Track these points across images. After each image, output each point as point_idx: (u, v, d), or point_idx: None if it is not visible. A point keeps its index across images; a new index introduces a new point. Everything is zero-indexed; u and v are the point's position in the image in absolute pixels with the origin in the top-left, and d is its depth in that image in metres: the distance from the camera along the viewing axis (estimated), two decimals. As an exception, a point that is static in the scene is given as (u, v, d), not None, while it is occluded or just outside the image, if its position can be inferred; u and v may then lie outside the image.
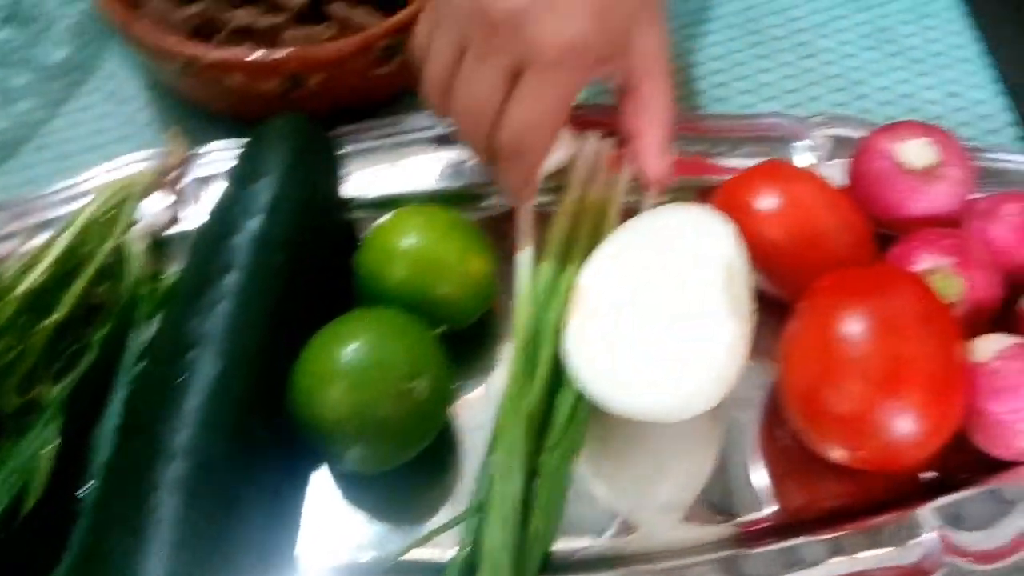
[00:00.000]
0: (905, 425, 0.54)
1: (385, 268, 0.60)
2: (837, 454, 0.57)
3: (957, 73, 0.87)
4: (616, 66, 0.58)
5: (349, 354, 0.54)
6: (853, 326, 0.55)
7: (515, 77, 0.56)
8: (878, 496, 0.61)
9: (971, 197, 0.67)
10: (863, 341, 0.55)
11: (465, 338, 0.65)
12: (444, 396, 0.57)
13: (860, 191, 0.67)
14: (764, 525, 0.60)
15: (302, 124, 0.66)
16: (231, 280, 0.57)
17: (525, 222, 0.65)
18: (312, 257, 0.63)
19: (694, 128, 0.77)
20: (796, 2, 0.93)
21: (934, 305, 0.56)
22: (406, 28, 0.71)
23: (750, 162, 0.72)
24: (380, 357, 0.54)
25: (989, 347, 0.57)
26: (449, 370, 0.57)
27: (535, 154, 0.58)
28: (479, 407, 0.62)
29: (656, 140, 0.62)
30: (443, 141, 0.75)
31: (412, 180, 0.74)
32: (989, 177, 0.72)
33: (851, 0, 0.93)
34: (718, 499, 0.61)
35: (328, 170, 0.67)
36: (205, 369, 0.54)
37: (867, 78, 0.87)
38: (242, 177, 0.63)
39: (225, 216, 0.60)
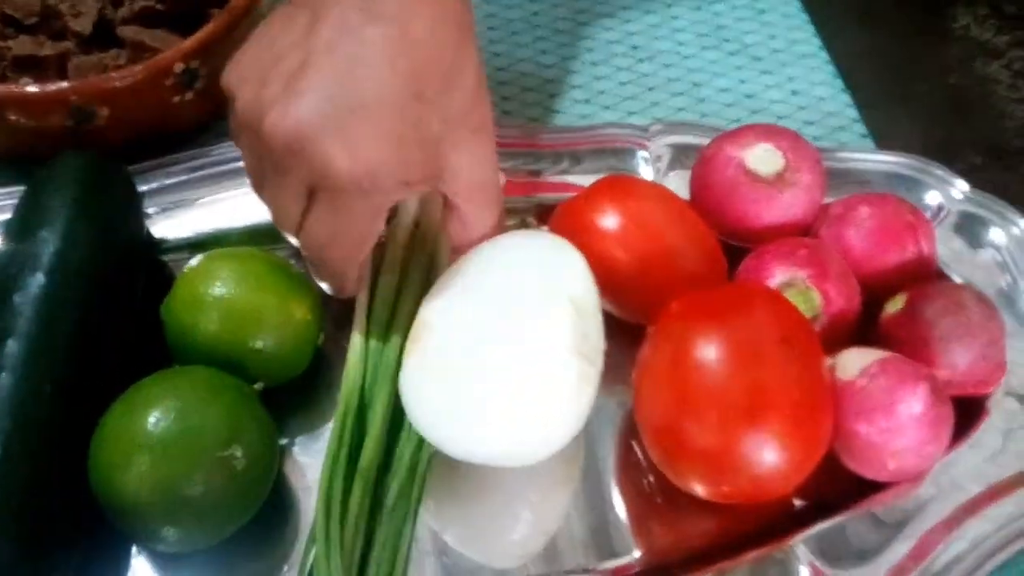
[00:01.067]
0: (770, 456, 0.50)
1: (194, 321, 0.55)
2: (700, 490, 0.53)
3: (798, 70, 0.85)
4: (429, 186, 0.52)
5: (152, 422, 0.49)
6: (708, 352, 0.51)
7: (312, 193, 0.51)
8: (748, 529, 0.57)
9: (823, 202, 0.63)
10: (719, 368, 0.51)
11: (298, 389, 0.60)
12: (268, 461, 0.52)
13: (706, 202, 0.63)
14: (630, 572, 0.57)
15: (90, 162, 0.60)
16: (10, 350, 0.51)
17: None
18: (111, 313, 0.57)
19: (529, 143, 0.72)
20: (627, 3, 0.89)
21: (793, 323, 0.53)
22: (205, 50, 0.65)
23: (590, 178, 0.68)
24: (188, 423, 0.49)
25: (853, 363, 0.54)
26: (272, 431, 0.53)
27: (340, 265, 0.54)
28: (313, 465, 0.57)
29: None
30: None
31: (228, 216, 0.68)
32: (839, 178, 0.70)
33: (685, -1, 0.89)
34: (579, 545, 0.57)
35: (126, 212, 0.60)
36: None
37: (707, 79, 0.84)
38: (20, 228, 0.56)
39: (2, 275, 0.53)
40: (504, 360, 0.52)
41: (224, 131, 0.72)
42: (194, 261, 0.58)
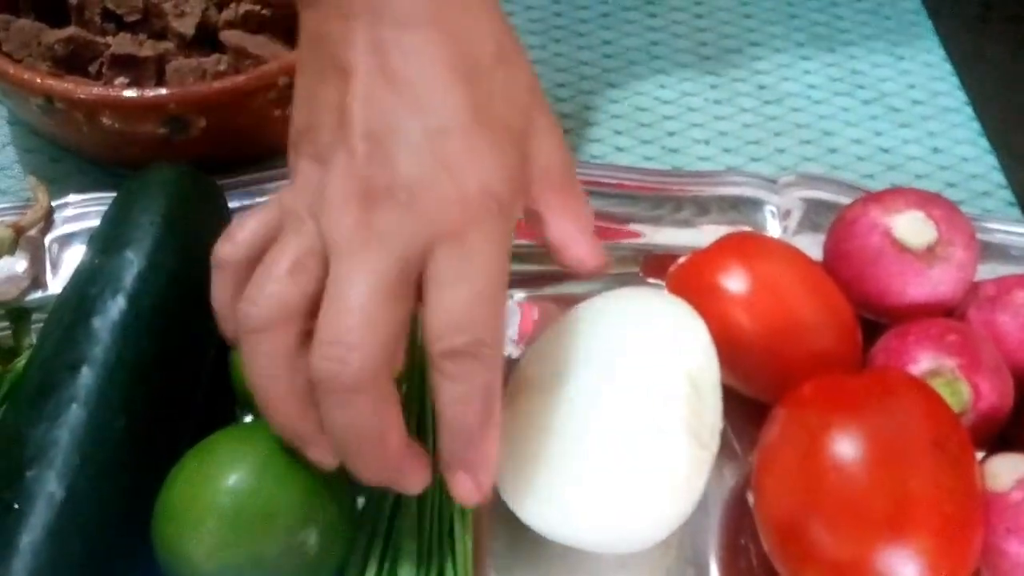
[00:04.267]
0: (911, 575, 0.44)
1: None
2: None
3: (940, 125, 0.80)
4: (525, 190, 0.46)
5: (225, 492, 0.44)
6: (847, 448, 0.47)
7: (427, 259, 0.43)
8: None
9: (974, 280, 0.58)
10: (860, 468, 0.46)
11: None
12: (344, 540, 0.48)
13: (842, 270, 0.59)
14: None
15: (182, 175, 0.57)
16: (85, 380, 0.48)
17: None
18: (192, 344, 0.52)
19: (641, 185, 0.68)
20: (755, 39, 0.84)
21: (946, 422, 0.48)
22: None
23: (708, 229, 0.65)
24: (262, 499, 0.45)
25: (1006, 472, 0.49)
26: (352, 502, 0.49)
27: (491, 351, 0.43)
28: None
29: (587, 245, 0.49)
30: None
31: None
32: (988, 252, 0.64)
33: (817, 39, 0.84)
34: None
35: (216, 232, 0.56)
36: (46, 494, 0.45)
37: (839, 128, 0.79)
38: (104, 244, 0.53)
39: (81, 293, 0.50)
40: (608, 436, 0.49)
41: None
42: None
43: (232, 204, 0.64)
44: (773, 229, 0.67)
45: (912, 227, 0.58)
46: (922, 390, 0.50)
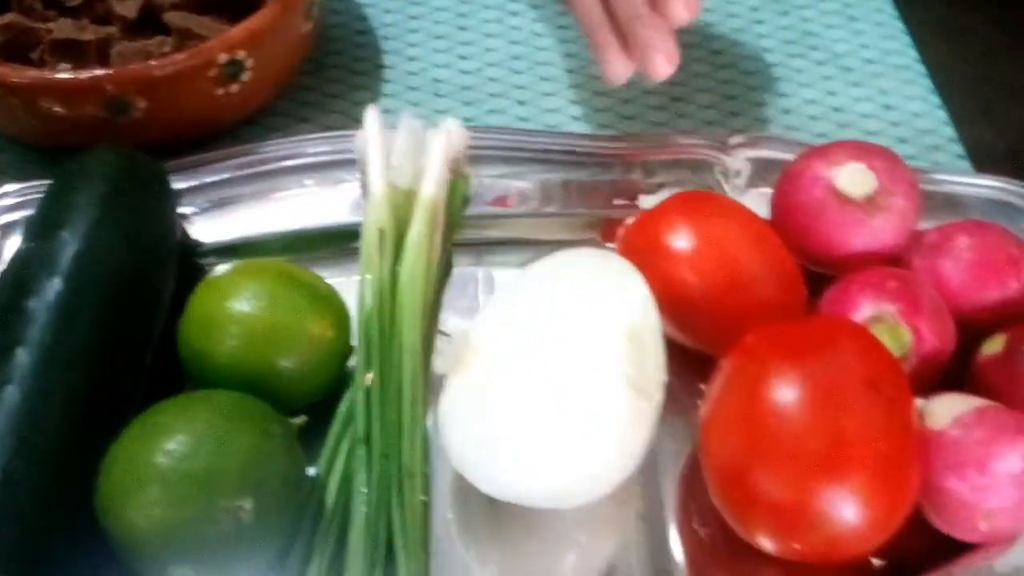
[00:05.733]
0: (849, 513, 0.46)
1: (207, 340, 0.52)
2: (768, 545, 0.49)
3: (892, 83, 0.81)
4: None
5: (163, 456, 0.45)
6: (785, 394, 0.47)
7: None
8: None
9: (916, 229, 0.59)
10: (797, 412, 0.47)
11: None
12: (288, 511, 0.48)
13: (788, 224, 0.60)
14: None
15: (121, 156, 0.58)
16: (20, 361, 0.48)
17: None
18: (134, 322, 0.53)
19: (596, 151, 0.68)
20: (709, 4, 0.85)
21: (882, 364, 0.49)
22: (253, 40, 0.62)
23: (661, 191, 0.66)
24: (198, 465, 0.46)
25: (945, 411, 0.50)
26: (299, 476, 0.50)
27: None
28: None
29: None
30: (309, 170, 0.66)
31: (273, 219, 0.66)
32: (932, 202, 0.65)
33: (771, 2, 0.85)
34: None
35: (158, 212, 0.57)
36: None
37: (792, 90, 0.80)
38: (40, 227, 0.53)
39: (17, 277, 0.50)
40: (549, 393, 0.49)
41: (272, 126, 0.70)
42: (214, 274, 0.56)
43: (179, 186, 0.65)
44: (723, 189, 0.67)
45: (853, 178, 0.59)
46: (859, 335, 0.51)
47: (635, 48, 0.65)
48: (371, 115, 0.61)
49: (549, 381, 0.49)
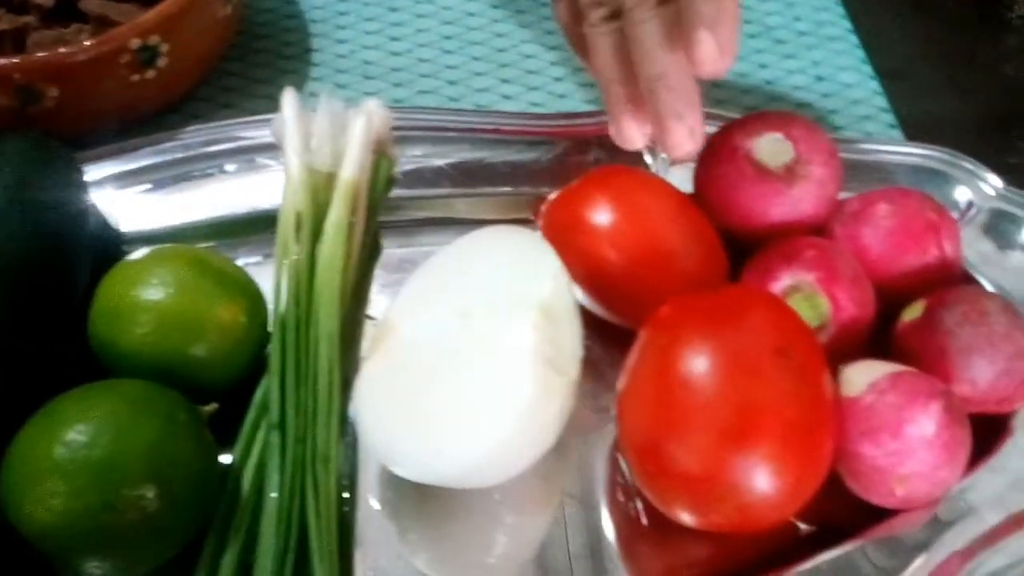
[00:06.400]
0: (760, 482, 0.46)
1: (116, 329, 0.52)
2: (687, 518, 0.49)
3: (824, 54, 0.82)
4: None
5: (62, 447, 0.45)
6: (695, 364, 0.47)
7: None
8: (747, 556, 0.54)
9: (841, 198, 0.60)
10: (707, 383, 0.47)
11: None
12: (196, 499, 0.48)
13: (709, 196, 0.60)
14: (612, 602, 0.52)
15: (28, 144, 0.57)
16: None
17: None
18: (42, 315, 0.53)
19: (524, 129, 0.69)
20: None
21: (791, 332, 0.49)
22: (166, 25, 0.62)
23: (590, 168, 0.66)
24: (97, 454, 0.45)
25: (860, 378, 0.50)
26: (208, 463, 0.49)
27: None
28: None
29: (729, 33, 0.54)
30: (231, 156, 0.65)
31: (196, 206, 0.66)
32: (861, 172, 0.66)
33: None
34: (562, 572, 0.54)
35: (68, 201, 0.57)
36: None
37: (724, 63, 0.79)
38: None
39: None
40: (458, 371, 0.49)
41: (195, 112, 0.70)
42: (127, 261, 0.55)
43: (100, 175, 0.65)
44: (650, 163, 0.68)
45: (771, 148, 0.59)
46: (770, 303, 0.51)
47: (654, 115, 0.56)
48: (288, 97, 0.61)
49: (459, 360, 0.49)
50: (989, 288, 0.62)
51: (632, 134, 0.59)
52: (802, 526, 0.55)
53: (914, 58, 0.82)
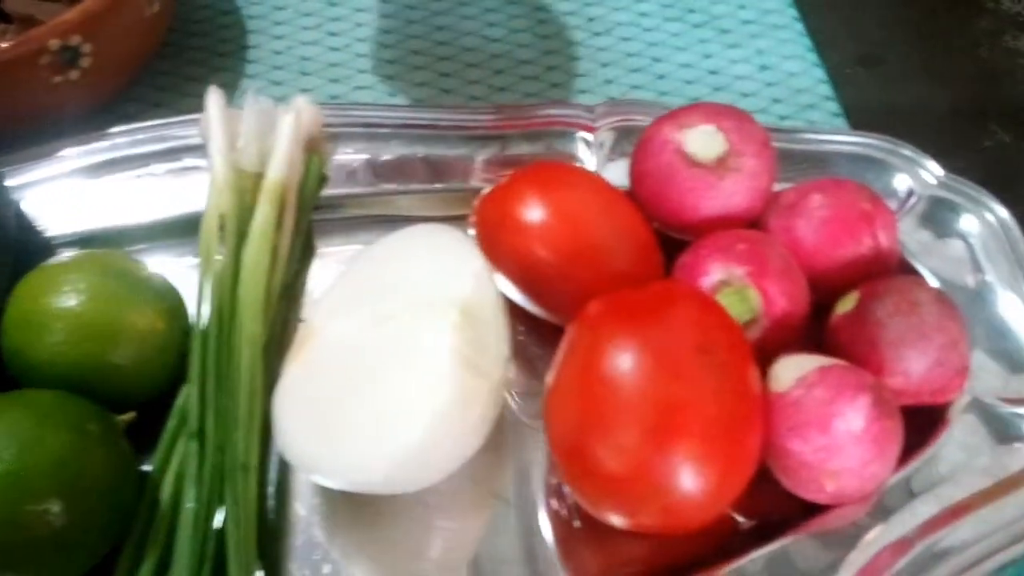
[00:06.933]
0: (683, 481, 0.46)
1: (28, 338, 0.51)
2: (615, 520, 0.49)
3: (769, 43, 0.81)
4: None
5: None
6: (617, 362, 0.47)
7: None
8: (686, 552, 0.54)
9: (782, 189, 0.59)
10: (629, 381, 0.47)
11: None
12: (107, 513, 0.48)
13: (642, 191, 0.60)
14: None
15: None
16: None
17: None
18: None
19: (461, 126, 0.69)
20: (586, -29, 0.85)
21: (714, 328, 0.49)
22: (88, 24, 0.61)
23: (527, 163, 0.66)
24: (4, 464, 0.45)
25: (788, 372, 0.50)
26: (124, 475, 0.49)
27: None
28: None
29: None
30: (159, 157, 0.65)
31: (126, 210, 0.66)
32: (805, 162, 0.66)
33: (648, -34, 0.86)
34: (499, 571, 0.54)
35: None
36: None
37: (668, 54, 0.80)
38: None
39: None
40: (375, 375, 0.48)
41: (126, 113, 0.69)
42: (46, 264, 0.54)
43: (23, 179, 0.64)
44: (587, 158, 0.67)
45: (702, 141, 0.58)
46: (693, 299, 0.51)
47: None
48: (212, 96, 0.61)
49: (376, 363, 0.49)
50: (929, 278, 0.61)
51: None
52: (742, 520, 0.55)
53: (860, 45, 0.81)
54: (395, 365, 0.49)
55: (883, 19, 0.81)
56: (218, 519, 0.49)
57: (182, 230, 0.64)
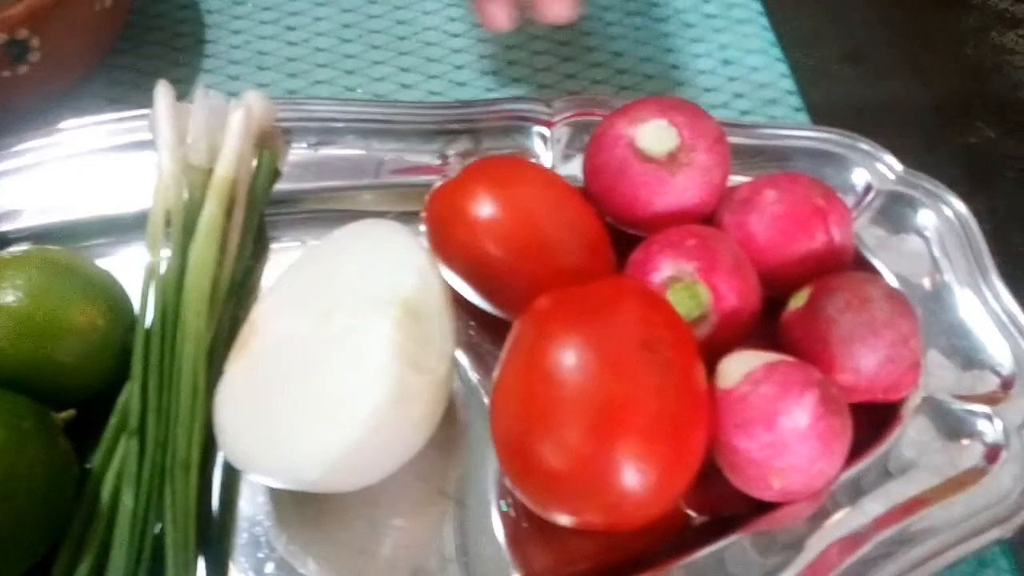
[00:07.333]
0: (627, 479, 0.46)
1: None
2: (561, 518, 0.48)
3: (732, 37, 0.81)
4: None
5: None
6: (562, 360, 0.47)
7: None
8: (638, 548, 0.54)
9: (728, 185, 0.59)
10: (573, 379, 0.46)
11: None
12: (42, 513, 0.47)
13: (595, 186, 0.60)
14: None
15: None
16: None
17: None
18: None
19: (416, 121, 0.69)
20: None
21: (660, 324, 0.49)
22: (36, 18, 0.60)
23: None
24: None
25: (735, 369, 0.50)
26: (59, 475, 0.48)
27: None
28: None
29: None
30: (111, 153, 0.65)
31: (82, 204, 0.66)
32: (764, 157, 0.66)
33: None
34: (451, 571, 0.54)
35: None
36: None
37: (630, 48, 0.80)
38: None
39: None
40: (314, 373, 0.48)
41: (81, 108, 0.69)
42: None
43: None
44: (544, 153, 0.67)
45: (654, 135, 0.58)
46: (641, 296, 0.51)
47: None
48: (161, 91, 0.60)
49: (316, 360, 0.49)
50: (886, 274, 0.61)
51: (498, 16, 0.64)
52: (695, 516, 0.55)
53: (825, 40, 0.81)
54: (334, 362, 0.48)
55: (869, 16, 0.81)
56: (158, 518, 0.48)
57: (133, 226, 0.63)
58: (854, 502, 0.53)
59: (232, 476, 0.54)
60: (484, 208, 0.57)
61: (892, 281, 0.60)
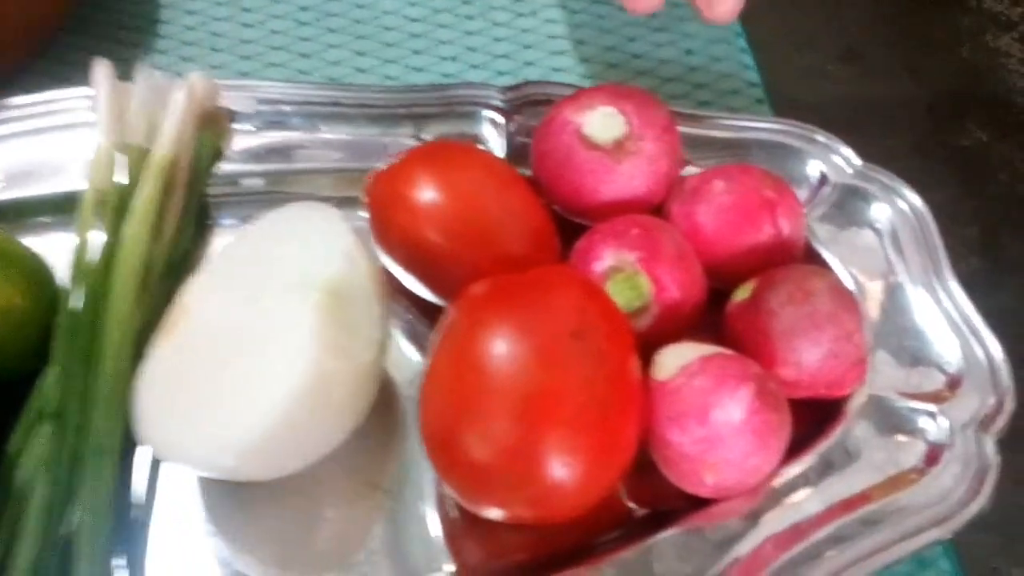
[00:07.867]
0: (554, 471, 0.45)
1: None
2: (491, 512, 0.48)
3: (695, 27, 0.80)
4: None
5: None
6: (491, 349, 0.46)
7: None
8: (574, 541, 0.53)
9: (678, 174, 0.58)
10: (501, 368, 0.45)
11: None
12: None
13: (542, 173, 0.59)
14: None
15: None
16: None
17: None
18: None
19: (368, 104, 0.68)
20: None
21: (593, 314, 0.48)
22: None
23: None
24: None
25: (671, 361, 0.49)
26: None
27: None
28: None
29: None
30: (51, 132, 0.64)
31: (33, 182, 0.65)
32: (720, 147, 0.65)
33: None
34: (383, 563, 0.53)
35: None
36: None
37: (592, 37, 0.79)
38: None
39: None
40: (233, 357, 0.47)
41: (29, 87, 0.68)
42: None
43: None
44: (495, 140, 0.66)
45: (601, 123, 0.57)
46: (577, 284, 0.50)
47: None
48: (100, 70, 0.59)
49: (236, 344, 0.48)
50: (839, 268, 0.60)
51: None
52: (635, 508, 0.54)
53: (789, 30, 0.80)
54: (254, 347, 0.47)
55: (865, 16, 0.80)
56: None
57: (68, 206, 0.62)
58: (793, 499, 0.52)
59: (159, 465, 0.53)
60: (425, 193, 0.56)
61: (844, 276, 0.59)
